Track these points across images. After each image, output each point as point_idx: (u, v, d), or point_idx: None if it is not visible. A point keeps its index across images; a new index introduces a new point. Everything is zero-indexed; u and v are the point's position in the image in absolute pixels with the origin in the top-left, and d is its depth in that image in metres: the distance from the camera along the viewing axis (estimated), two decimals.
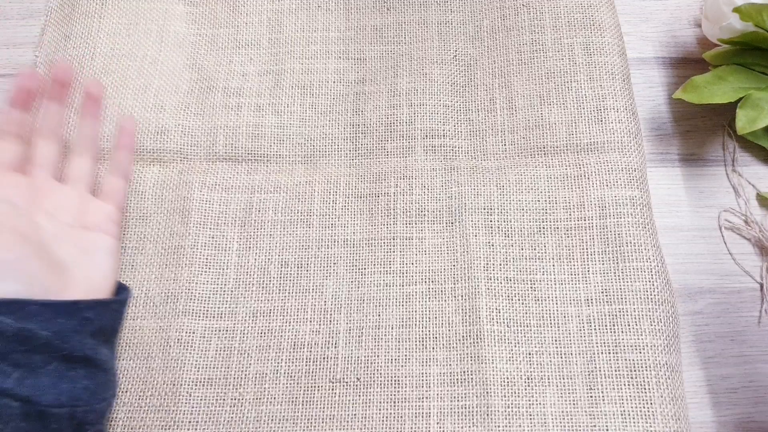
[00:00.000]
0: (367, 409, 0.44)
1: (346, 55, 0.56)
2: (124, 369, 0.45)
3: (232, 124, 0.53)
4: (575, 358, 0.45)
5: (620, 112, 0.52)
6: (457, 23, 0.57)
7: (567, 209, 0.49)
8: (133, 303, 0.47)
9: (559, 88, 0.53)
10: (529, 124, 0.52)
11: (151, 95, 0.54)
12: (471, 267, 0.48)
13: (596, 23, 0.55)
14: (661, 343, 0.44)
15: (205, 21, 0.58)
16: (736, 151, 0.54)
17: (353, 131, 0.53)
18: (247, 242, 0.49)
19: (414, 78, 0.55)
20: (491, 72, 0.55)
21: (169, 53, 0.56)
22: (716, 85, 0.50)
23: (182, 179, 0.51)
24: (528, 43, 0.55)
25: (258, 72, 0.55)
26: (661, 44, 0.59)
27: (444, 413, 0.44)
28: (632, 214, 0.48)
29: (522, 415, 0.43)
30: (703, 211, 0.52)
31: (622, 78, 0.53)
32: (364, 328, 0.46)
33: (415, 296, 0.47)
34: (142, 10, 0.57)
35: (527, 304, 0.46)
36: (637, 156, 0.50)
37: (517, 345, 0.45)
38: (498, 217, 0.49)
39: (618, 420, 0.43)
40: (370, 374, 0.45)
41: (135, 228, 0.50)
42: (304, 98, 0.55)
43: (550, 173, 0.50)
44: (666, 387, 0.43)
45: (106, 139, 0.51)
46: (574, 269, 0.47)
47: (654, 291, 0.46)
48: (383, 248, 0.49)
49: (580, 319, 0.46)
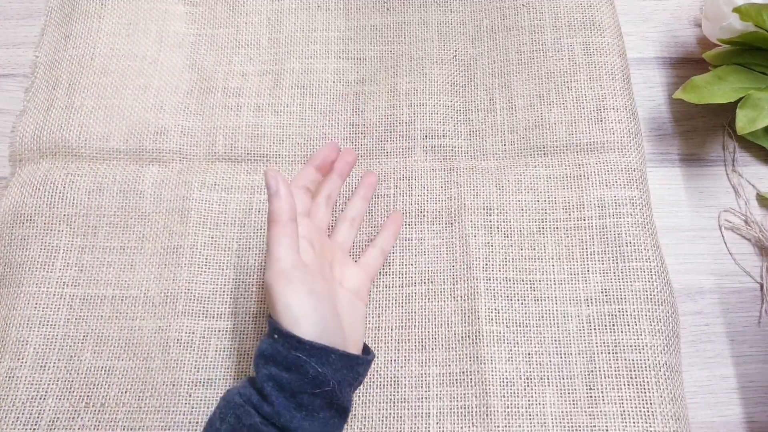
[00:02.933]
0: (367, 409, 0.44)
1: (345, 55, 0.56)
2: (124, 369, 0.45)
3: (231, 124, 0.53)
4: (575, 358, 0.45)
5: (620, 112, 0.51)
6: (457, 23, 0.57)
7: (567, 209, 0.49)
8: (132, 303, 0.47)
9: (559, 88, 0.53)
10: (528, 124, 0.52)
11: (151, 95, 0.54)
12: (470, 267, 0.47)
13: (596, 23, 0.55)
14: (661, 343, 0.44)
15: (205, 21, 0.58)
16: (736, 151, 0.54)
17: (353, 131, 0.53)
18: (247, 243, 0.49)
19: (414, 78, 0.54)
20: (491, 72, 0.55)
21: (169, 53, 0.56)
22: (716, 85, 0.50)
23: (182, 179, 0.51)
24: (528, 43, 0.55)
25: (258, 72, 0.55)
26: (661, 44, 0.59)
27: (443, 413, 0.44)
28: (632, 214, 0.48)
29: (521, 415, 0.43)
30: (703, 211, 0.52)
31: (622, 78, 0.53)
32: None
33: (415, 297, 0.47)
34: (142, 10, 0.57)
35: (527, 304, 0.46)
36: (637, 156, 0.50)
37: (516, 345, 0.45)
38: (497, 218, 0.49)
39: (618, 420, 0.43)
40: (370, 374, 0.45)
41: (134, 228, 0.50)
42: (304, 98, 0.54)
43: (549, 173, 0.50)
44: (666, 387, 0.43)
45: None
46: (573, 269, 0.47)
47: (654, 291, 0.46)
48: None
49: (579, 319, 0.46)
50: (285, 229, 0.38)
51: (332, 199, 0.48)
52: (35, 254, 0.48)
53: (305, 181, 0.45)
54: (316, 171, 0.46)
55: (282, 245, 0.37)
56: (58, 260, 0.48)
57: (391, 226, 0.48)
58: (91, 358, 0.46)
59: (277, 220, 0.38)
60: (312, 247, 0.41)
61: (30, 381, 0.45)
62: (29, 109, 0.54)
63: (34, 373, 0.45)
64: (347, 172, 0.48)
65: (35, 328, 0.46)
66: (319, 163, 0.46)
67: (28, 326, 0.46)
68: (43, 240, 0.49)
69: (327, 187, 0.47)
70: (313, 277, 0.38)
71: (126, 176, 0.51)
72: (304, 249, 0.41)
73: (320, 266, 0.41)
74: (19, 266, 0.48)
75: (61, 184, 0.50)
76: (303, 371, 0.37)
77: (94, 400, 0.44)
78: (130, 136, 0.52)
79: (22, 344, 0.45)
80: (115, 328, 0.46)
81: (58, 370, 0.45)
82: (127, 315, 0.47)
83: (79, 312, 0.47)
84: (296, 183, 0.44)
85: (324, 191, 0.47)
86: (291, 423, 0.36)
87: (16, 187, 0.51)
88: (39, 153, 0.52)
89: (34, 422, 0.43)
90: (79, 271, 0.48)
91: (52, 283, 0.47)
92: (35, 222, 0.49)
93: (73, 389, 0.45)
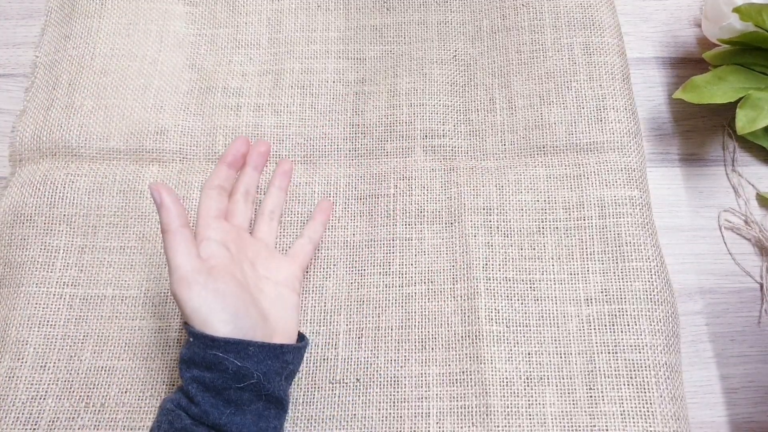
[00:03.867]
0: (367, 410, 0.44)
1: (345, 55, 0.56)
2: (124, 369, 0.45)
3: (231, 125, 0.53)
4: (575, 358, 0.45)
5: (620, 112, 0.51)
6: (457, 23, 0.57)
7: (566, 209, 0.49)
8: (132, 303, 0.47)
9: (558, 88, 0.53)
10: (528, 124, 0.52)
11: (151, 95, 0.54)
12: (470, 267, 0.47)
13: (596, 23, 0.55)
14: (661, 342, 0.44)
15: (205, 21, 0.58)
16: (736, 151, 0.54)
17: (353, 131, 0.53)
18: None
19: (414, 78, 0.54)
20: (491, 72, 0.55)
21: (169, 53, 0.56)
22: (716, 85, 0.50)
23: (182, 179, 0.51)
24: (528, 43, 0.55)
25: (257, 72, 0.55)
26: (661, 44, 0.58)
27: (443, 413, 0.44)
28: (632, 214, 0.48)
29: (521, 415, 0.43)
30: (703, 211, 0.52)
31: (621, 78, 0.53)
32: (364, 329, 0.46)
33: (415, 297, 0.47)
34: (142, 10, 0.57)
35: (527, 304, 0.46)
36: (637, 156, 0.50)
37: (516, 345, 0.45)
38: (497, 218, 0.49)
39: (618, 420, 0.43)
40: (370, 375, 0.45)
41: (134, 228, 0.50)
42: (304, 98, 0.54)
43: (549, 173, 0.50)
44: (665, 387, 0.43)
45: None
46: (573, 269, 0.47)
47: (653, 291, 0.46)
48: (383, 249, 0.49)
49: (579, 319, 0.46)
50: (177, 236, 0.38)
51: (251, 194, 0.47)
52: (35, 254, 0.48)
53: (218, 180, 0.45)
54: (228, 168, 0.46)
55: (178, 252, 0.38)
56: (58, 260, 0.48)
57: (320, 214, 0.49)
58: (91, 358, 0.46)
59: (168, 230, 0.38)
60: (226, 249, 0.41)
61: (30, 381, 0.45)
62: (29, 109, 0.54)
63: (34, 373, 0.45)
64: (262, 163, 0.48)
65: (35, 328, 0.46)
66: (231, 160, 0.46)
67: (28, 326, 0.46)
68: (43, 240, 0.49)
69: (243, 183, 0.47)
70: (219, 277, 0.39)
71: (126, 176, 0.51)
72: (214, 252, 0.40)
73: (237, 266, 0.41)
74: (19, 266, 0.48)
75: (61, 184, 0.50)
76: (223, 368, 0.37)
77: (94, 400, 0.44)
78: (130, 136, 0.52)
79: (22, 344, 0.46)
80: (115, 328, 0.47)
81: (58, 370, 0.45)
82: (127, 315, 0.47)
83: (79, 312, 0.47)
84: (209, 184, 0.44)
85: (241, 188, 0.47)
86: (220, 420, 0.37)
87: (16, 187, 0.51)
88: (39, 153, 0.52)
89: (34, 422, 0.43)
90: (79, 271, 0.48)
91: (52, 283, 0.47)
92: (35, 222, 0.49)
93: (73, 389, 0.45)
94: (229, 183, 0.46)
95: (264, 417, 0.39)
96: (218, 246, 0.41)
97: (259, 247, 0.46)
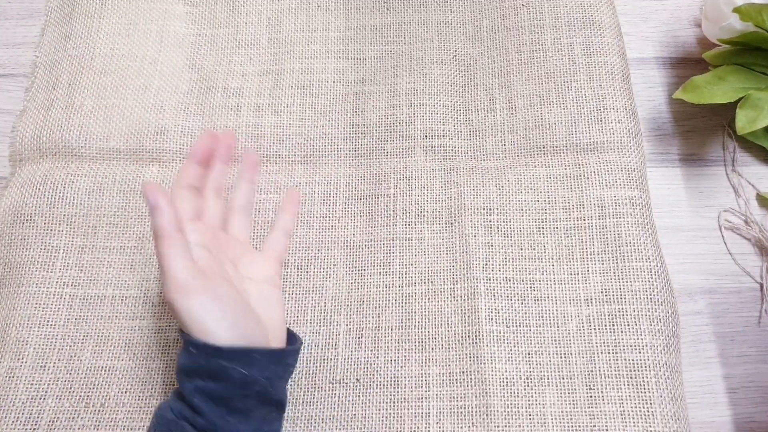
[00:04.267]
0: (367, 410, 0.44)
1: (345, 55, 0.56)
2: (124, 369, 0.45)
3: (231, 125, 0.53)
4: (575, 358, 0.45)
5: (620, 112, 0.51)
6: (457, 23, 0.57)
7: (567, 209, 0.49)
8: (132, 303, 0.47)
9: (558, 88, 0.53)
10: (528, 124, 0.52)
11: (151, 95, 0.54)
12: (470, 267, 0.47)
13: (596, 23, 0.55)
14: (661, 343, 0.44)
15: (205, 21, 0.58)
16: (736, 151, 0.54)
17: (353, 131, 0.53)
18: None
19: (414, 78, 0.54)
20: (491, 72, 0.55)
21: (169, 53, 0.56)
22: (716, 85, 0.50)
23: None
24: (528, 43, 0.55)
25: (257, 72, 0.55)
26: (661, 44, 0.59)
27: (443, 413, 0.44)
28: (632, 214, 0.48)
29: (521, 415, 0.43)
30: (703, 211, 0.52)
31: (621, 78, 0.53)
32: (364, 329, 0.46)
33: (415, 297, 0.47)
34: (142, 10, 0.57)
35: (527, 304, 0.46)
36: (637, 156, 0.50)
37: (516, 345, 0.45)
38: (497, 218, 0.49)
39: (618, 420, 0.43)
40: (370, 375, 0.45)
41: (134, 228, 0.50)
42: (304, 98, 0.54)
43: (549, 173, 0.50)
44: (665, 387, 0.43)
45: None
46: (573, 269, 0.47)
47: (653, 291, 0.46)
48: (383, 249, 0.49)
49: (579, 319, 0.46)
50: (173, 242, 0.36)
51: (221, 190, 0.45)
52: (35, 254, 0.48)
53: (188, 179, 0.43)
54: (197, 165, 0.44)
55: (174, 258, 0.36)
56: (58, 260, 0.48)
57: (289, 205, 0.47)
58: (91, 358, 0.46)
59: (163, 234, 0.36)
60: (208, 251, 0.40)
61: (30, 381, 0.45)
62: (29, 109, 0.54)
63: (34, 373, 0.45)
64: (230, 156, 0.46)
65: (35, 328, 0.46)
66: (199, 157, 0.44)
67: (28, 326, 0.46)
68: (43, 240, 0.49)
69: (213, 179, 0.45)
70: (214, 282, 0.37)
71: (126, 176, 0.51)
72: (199, 256, 0.39)
73: (220, 268, 0.40)
74: (19, 266, 0.48)
75: (61, 184, 0.50)
76: (228, 377, 0.36)
77: (94, 400, 0.44)
78: (130, 136, 0.52)
79: (22, 344, 0.46)
80: (115, 328, 0.47)
81: (58, 370, 0.45)
82: (127, 315, 0.47)
83: (79, 312, 0.47)
84: (179, 184, 0.42)
85: (211, 184, 0.45)
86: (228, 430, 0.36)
87: (16, 187, 0.51)
88: (39, 153, 0.52)
89: (34, 422, 0.43)
90: (79, 271, 0.48)
91: (52, 283, 0.47)
92: (35, 222, 0.49)
93: (73, 389, 0.45)
94: (198, 181, 0.44)
95: (268, 420, 0.39)
96: (201, 249, 0.39)
97: (236, 246, 0.44)
